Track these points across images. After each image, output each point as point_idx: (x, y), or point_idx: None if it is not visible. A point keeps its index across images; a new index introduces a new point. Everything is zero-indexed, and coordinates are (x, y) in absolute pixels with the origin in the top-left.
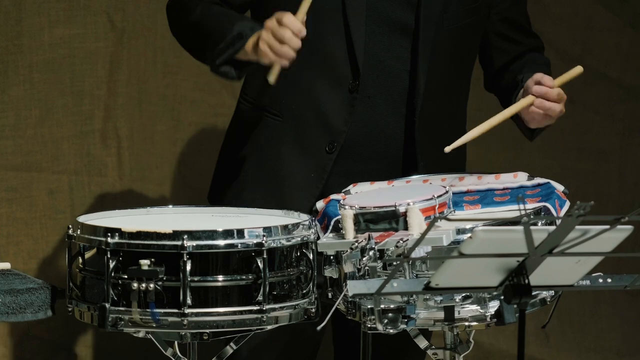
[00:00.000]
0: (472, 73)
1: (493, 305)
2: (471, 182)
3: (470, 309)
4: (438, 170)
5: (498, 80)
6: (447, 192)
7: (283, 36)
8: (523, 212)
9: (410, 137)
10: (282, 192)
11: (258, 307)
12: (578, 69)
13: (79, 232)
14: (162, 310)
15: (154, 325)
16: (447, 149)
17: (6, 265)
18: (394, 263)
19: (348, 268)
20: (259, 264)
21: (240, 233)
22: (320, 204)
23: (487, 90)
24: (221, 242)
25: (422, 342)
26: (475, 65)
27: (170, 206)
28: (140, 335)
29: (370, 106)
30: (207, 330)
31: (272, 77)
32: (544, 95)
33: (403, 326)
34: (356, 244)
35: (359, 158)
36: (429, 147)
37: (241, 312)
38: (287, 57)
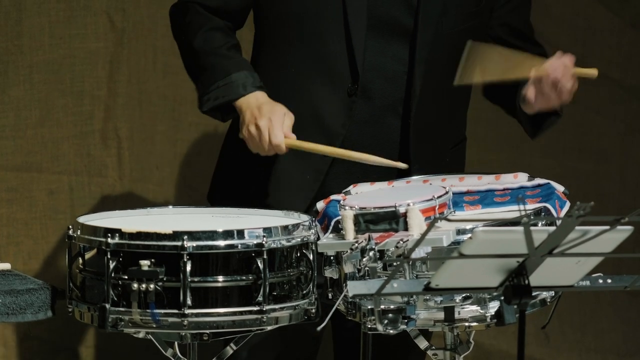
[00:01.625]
0: None
1: (493, 306)
2: (471, 182)
3: (470, 310)
4: (436, 174)
5: (498, 87)
6: (447, 192)
7: (264, 148)
8: (523, 213)
9: (405, 139)
10: (278, 193)
11: (258, 308)
12: (593, 71)
13: (79, 233)
14: (162, 311)
15: (154, 325)
16: (457, 82)
17: (6, 266)
18: (394, 264)
19: (348, 268)
20: (259, 265)
21: (241, 234)
22: (320, 205)
23: (485, 97)
24: (221, 243)
25: (422, 343)
26: None
27: (171, 207)
28: (141, 335)
29: (368, 109)
30: (207, 331)
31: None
32: (561, 65)
33: (403, 327)
34: (356, 244)
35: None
36: (423, 150)
37: (241, 313)
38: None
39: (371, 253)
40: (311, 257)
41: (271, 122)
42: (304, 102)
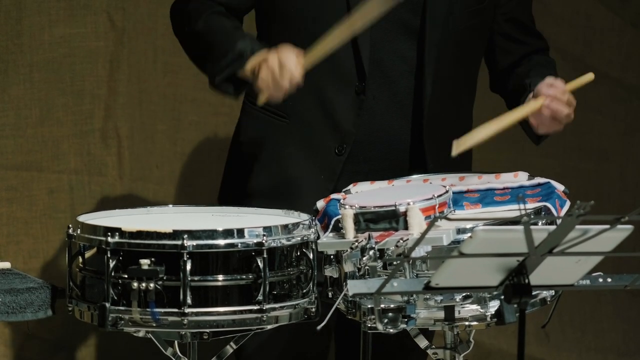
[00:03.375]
0: (478, 75)
1: (493, 305)
2: (471, 181)
3: (470, 309)
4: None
5: (503, 82)
6: (447, 191)
7: (279, 82)
8: (523, 212)
9: (417, 139)
10: (290, 194)
11: (258, 307)
12: (589, 76)
13: (79, 232)
14: (162, 310)
15: (154, 324)
16: (455, 152)
17: (6, 265)
18: (394, 262)
19: (348, 267)
20: (259, 264)
21: (241, 232)
22: (320, 204)
23: (492, 91)
24: (221, 242)
25: (422, 342)
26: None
27: (171, 206)
28: (140, 334)
29: (376, 108)
30: (207, 330)
31: (261, 101)
32: (554, 97)
33: (403, 326)
34: (356, 243)
35: (366, 159)
36: (436, 150)
37: (241, 312)
38: (279, 96)
39: (371, 252)
40: (311, 256)
41: (279, 51)
42: (312, 102)
